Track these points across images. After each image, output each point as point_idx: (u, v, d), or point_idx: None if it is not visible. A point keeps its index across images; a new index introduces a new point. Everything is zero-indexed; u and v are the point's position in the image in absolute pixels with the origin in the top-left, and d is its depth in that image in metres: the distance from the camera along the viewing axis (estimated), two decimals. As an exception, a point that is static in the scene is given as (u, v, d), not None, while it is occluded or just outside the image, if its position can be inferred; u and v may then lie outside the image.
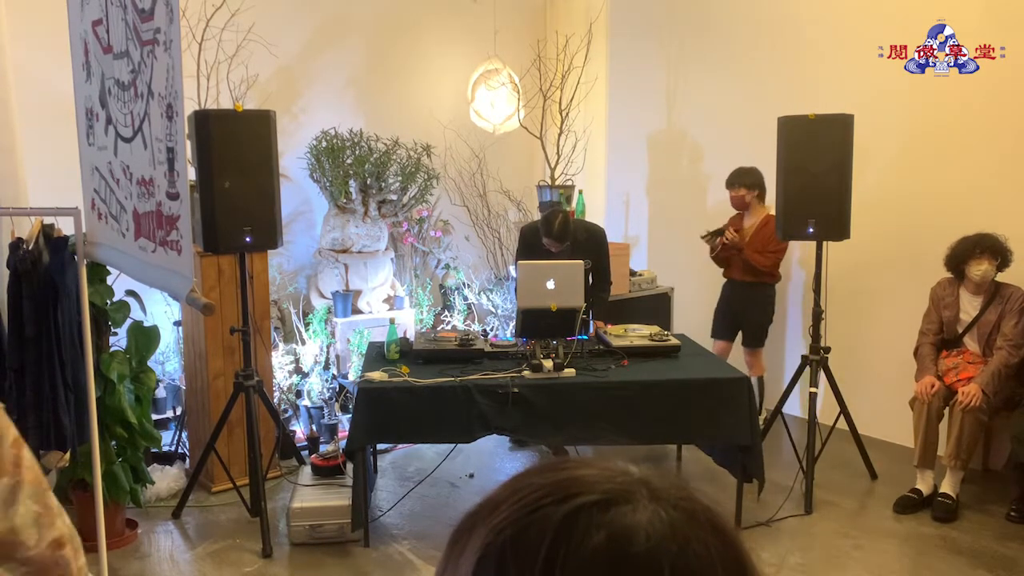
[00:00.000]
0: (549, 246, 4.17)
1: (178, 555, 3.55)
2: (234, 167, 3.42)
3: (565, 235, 4.12)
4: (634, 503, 0.50)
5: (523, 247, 4.42)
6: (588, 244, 4.29)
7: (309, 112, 5.37)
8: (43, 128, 3.97)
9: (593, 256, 4.18)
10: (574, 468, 0.54)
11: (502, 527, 0.51)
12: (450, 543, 0.55)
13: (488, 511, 0.53)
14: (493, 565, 0.50)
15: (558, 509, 0.50)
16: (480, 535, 0.52)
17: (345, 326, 4.91)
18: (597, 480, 0.52)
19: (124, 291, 3.67)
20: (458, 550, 0.53)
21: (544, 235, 4.15)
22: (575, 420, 3.54)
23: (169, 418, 4.77)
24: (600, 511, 0.49)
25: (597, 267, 4.30)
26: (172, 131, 2.29)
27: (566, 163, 6.04)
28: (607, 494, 0.51)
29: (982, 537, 3.65)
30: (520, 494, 0.53)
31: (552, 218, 4.14)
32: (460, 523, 0.55)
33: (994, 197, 4.26)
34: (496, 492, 0.55)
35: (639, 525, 0.49)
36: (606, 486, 0.51)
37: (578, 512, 0.50)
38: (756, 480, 3.68)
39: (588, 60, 6.00)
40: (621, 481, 0.52)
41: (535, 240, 4.26)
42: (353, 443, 3.44)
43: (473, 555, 0.51)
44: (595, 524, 0.49)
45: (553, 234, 4.10)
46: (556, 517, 0.50)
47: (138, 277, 2.76)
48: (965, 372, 3.92)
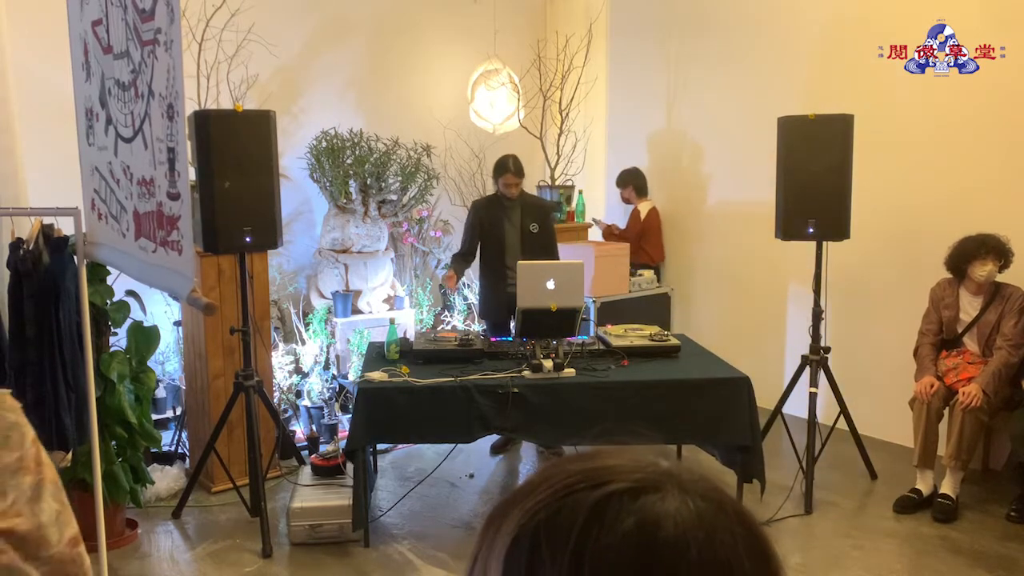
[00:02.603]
0: (511, 184, 4.46)
1: (178, 555, 3.55)
2: (234, 167, 3.42)
3: (521, 169, 4.51)
4: (663, 492, 0.52)
5: (475, 216, 4.62)
6: (537, 208, 4.64)
7: (309, 112, 5.37)
8: (43, 128, 3.97)
9: (541, 219, 4.57)
10: (606, 457, 0.56)
11: (536, 510, 0.53)
12: (484, 527, 0.57)
13: (523, 496, 0.55)
14: (527, 546, 0.52)
15: (590, 495, 0.52)
16: (514, 518, 0.54)
17: (345, 326, 4.91)
18: (628, 469, 0.54)
19: (124, 291, 3.67)
20: (492, 532, 0.55)
21: (503, 173, 4.45)
22: (575, 420, 3.54)
23: (169, 418, 4.77)
24: (631, 498, 0.51)
25: (545, 231, 4.58)
26: (173, 131, 2.29)
27: (566, 163, 6.05)
28: (638, 483, 0.52)
29: (982, 537, 3.65)
30: (554, 480, 0.54)
31: (505, 160, 4.50)
32: (495, 508, 0.57)
33: (994, 197, 4.26)
34: (530, 479, 0.57)
35: (668, 513, 0.51)
36: (637, 475, 0.53)
37: (609, 498, 0.51)
38: (756, 480, 3.68)
39: (588, 60, 6.01)
40: (651, 471, 0.54)
41: (486, 212, 4.57)
42: (353, 443, 3.44)
43: (507, 536, 0.53)
44: (625, 510, 0.51)
45: (512, 168, 4.44)
46: (588, 502, 0.51)
47: (138, 277, 2.76)
48: (965, 372, 3.92)
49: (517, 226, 4.51)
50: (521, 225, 4.51)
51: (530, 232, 4.50)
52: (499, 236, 4.52)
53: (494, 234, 4.53)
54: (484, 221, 4.55)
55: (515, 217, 4.52)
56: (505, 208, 4.53)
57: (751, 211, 5.30)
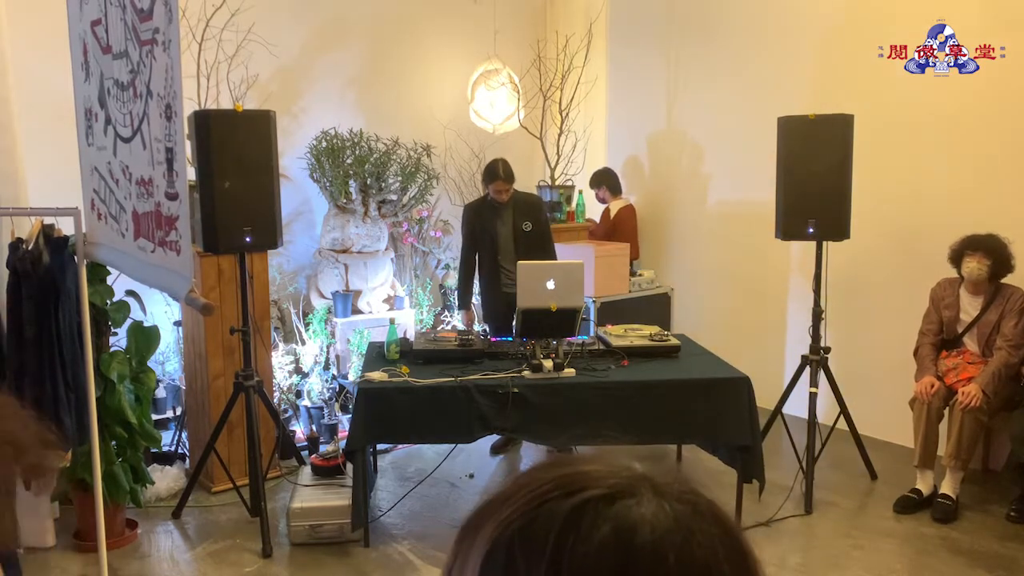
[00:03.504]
0: (501, 190, 4.43)
1: (178, 555, 3.55)
2: (234, 167, 3.42)
3: (512, 175, 4.46)
4: (638, 497, 0.51)
5: (468, 224, 4.63)
6: (528, 206, 4.58)
7: (309, 112, 5.37)
8: (43, 128, 3.97)
9: (533, 216, 4.54)
10: (580, 464, 0.55)
11: (510, 521, 0.52)
12: (458, 539, 0.56)
13: (496, 506, 0.54)
14: (502, 558, 0.51)
15: (565, 503, 0.51)
16: (488, 530, 0.53)
17: (345, 326, 4.91)
18: (602, 475, 0.53)
19: (124, 291, 3.67)
20: (466, 546, 0.54)
21: (494, 179, 4.41)
22: (575, 420, 3.54)
23: (169, 418, 4.77)
24: (606, 504, 0.51)
25: (539, 229, 4.55)
26: (171, 131, 2.29)
27: (566, 163, 6.04)
28: (612, 488, 0.52)
29: (982, 537, 3.64)
30: (527, 489, 0.54)
31: (495, 165, 4.46)
32: (468, 520, 0.56)
33: (994, 197, 4.26)
34: (503, 489, 0.56)
35: (644, 518, 0.50)
36: (611, 481, 0.53)
37: (584, 505, 0.51)
38: (756, 480, 3.68)
39: (588, 60, 6.01)
40: (626, 476, 0.53)
41: (477, 216, 4.56)
42: (353, 443, 3.44)
43: (482, 549, 0.52)
44: (601, 517, 0.50)
45: (502, 175, 4.39)
46: (563, 510, 0.51)
47: (138, 277, 2.77)
48: (965, 372, 3.92)
49: (509, 226, 4.52)
50: (514, 225, 4.51)
51: (523, 231, 4.50)
52: (492, 237, 4.53)
53: (487, 236, 4.54)
54: (476, 227, 4.57)
55: (507, 217, 4.52)
56: (496, 209, 4.53)
57: (751, 211, 5.30)
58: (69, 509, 3.69)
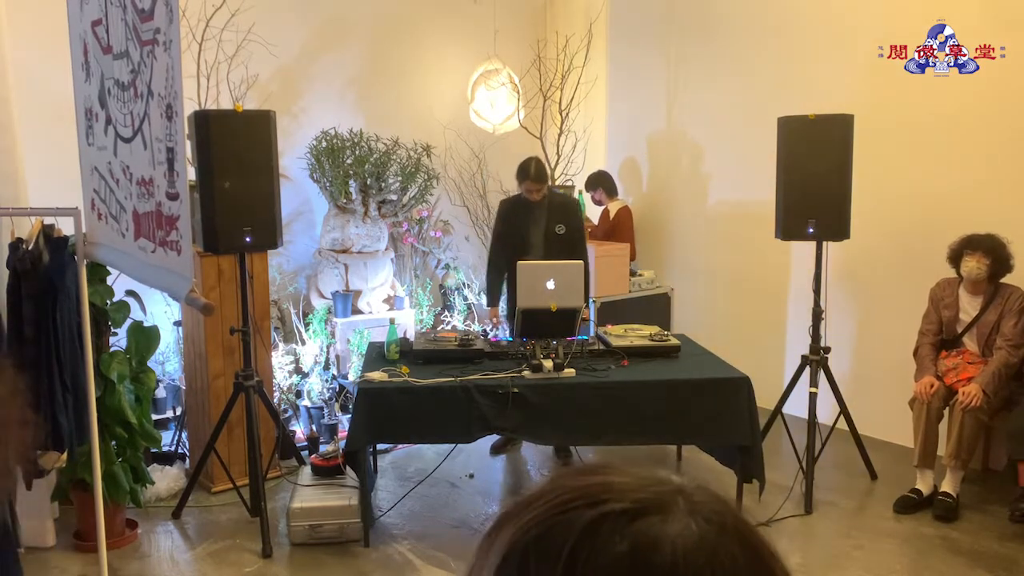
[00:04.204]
0: (531, 190, 4.35)
1: (178, 555, 3.55)
2: (234, 167, 3.42)
3: (543, 175, 4.38)
4: (666, 513, 0.50)
5: (500, 221, 4.56)
6: (563, 208, 4.50)
7: (309, 112, 5.37)
8: (43, 128, 3.97)
9: (567, 219, 4.45)
10: (609, 474, 0.54)
11: (529, 527, 0.51)
12: (482, 541, 0.55)
13: (519, 510, 0.53)
14: (516, 564, 0.50)
15: (585, 514, 0.50)
16: (508, 533, 0.52)
17: (345, 326, 4.91)
18: (630, 488, 0.52)
19: (124, 291, 3.67)
20: (487, 546, 0.54)
21: (524, 179, 4.34)
22: (575, 420, 3.54)
23: (169, 418, 4.77)
24: (627, 520, 0.49)
25: (572, 233, 4.46)
26: (172, 131, 2.29)
27: (566, 163, 6.04)
28: (637, 503, 0.50)
29: (982, 537, 3.64)
30: (551, 495, 0.53)
31: (527, 164, 4.38)
32: (494, 521, 0.55)
33: (994, 197, 4.26)
34: (531, 492, 0.55)
35: (666, 536, 0.48)
36: (638, 495, 0.51)
37: (604, 518, 0.49)
38: (756, 480, 3.68)
39: (588, 60, 6.00)
40: (655, 491, 0.52)
41: (511, 213, 4.47)
42: (353, 443, 3.44)
43: (499, 552, 0.52)
44: (620, 532, 0.48)
45: (532, 175, 4.31)
46: (582, 521, 0.49)
47: (138, 277, 2.77)
48: (965, 372, 3.92)
49: (542, 227, 4.41)
50: (546, 227, 4.40)
51: (555, 234, 4.39)
52: (523, 237, 4.42)
53: (518, 235, 4.43)
54: (508, 224, 4.48)
55: (541, 219, 4.41)
56: (530, 208, 4.42)
57: (751, 211, 5.30)
58: (69, 509, 3.69)
